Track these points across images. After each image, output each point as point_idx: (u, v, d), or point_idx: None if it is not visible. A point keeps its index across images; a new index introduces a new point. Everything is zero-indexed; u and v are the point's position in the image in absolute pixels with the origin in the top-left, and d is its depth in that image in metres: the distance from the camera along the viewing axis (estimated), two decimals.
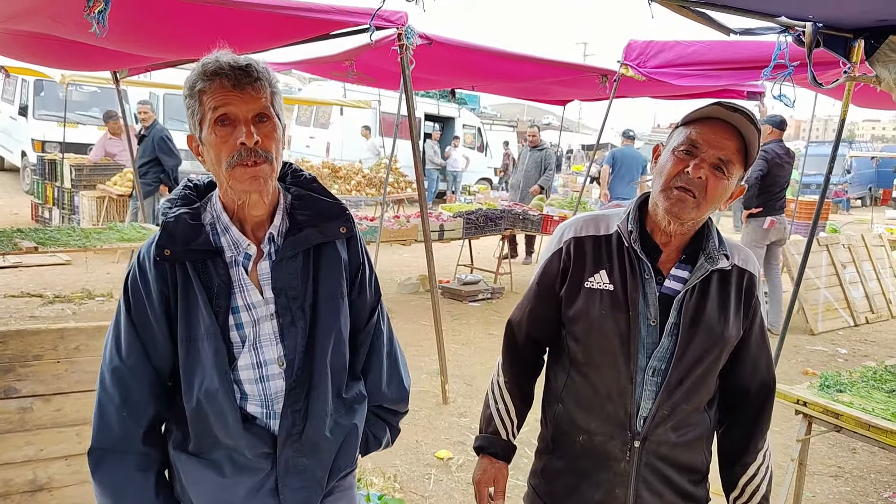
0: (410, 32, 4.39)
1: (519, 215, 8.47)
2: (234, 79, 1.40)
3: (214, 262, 1.48)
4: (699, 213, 1.57)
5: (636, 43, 6.00)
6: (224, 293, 1.48)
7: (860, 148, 27.64)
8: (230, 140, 1.41)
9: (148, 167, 8.18)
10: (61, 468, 2.66)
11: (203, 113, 1.42)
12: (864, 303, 7.94)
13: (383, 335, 1.74)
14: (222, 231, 1.51)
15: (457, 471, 3.87)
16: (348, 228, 1.59)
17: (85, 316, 6.33)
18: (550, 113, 41.63)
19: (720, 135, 1.55)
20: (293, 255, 1.52)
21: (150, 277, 1.48)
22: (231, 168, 1.42)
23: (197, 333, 1.47)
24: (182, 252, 1.46)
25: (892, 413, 2.89)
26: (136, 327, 1.50)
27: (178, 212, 1.49)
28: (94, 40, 3.85)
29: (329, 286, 1.56)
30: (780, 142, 6.98)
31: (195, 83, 1.43)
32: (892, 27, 2.87)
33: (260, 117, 1.43)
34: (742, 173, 1.59)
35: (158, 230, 1.48)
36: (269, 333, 1.52)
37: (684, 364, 1.61)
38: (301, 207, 1.56)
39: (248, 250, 1.51)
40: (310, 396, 1.54)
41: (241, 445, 1.51)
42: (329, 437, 1.58)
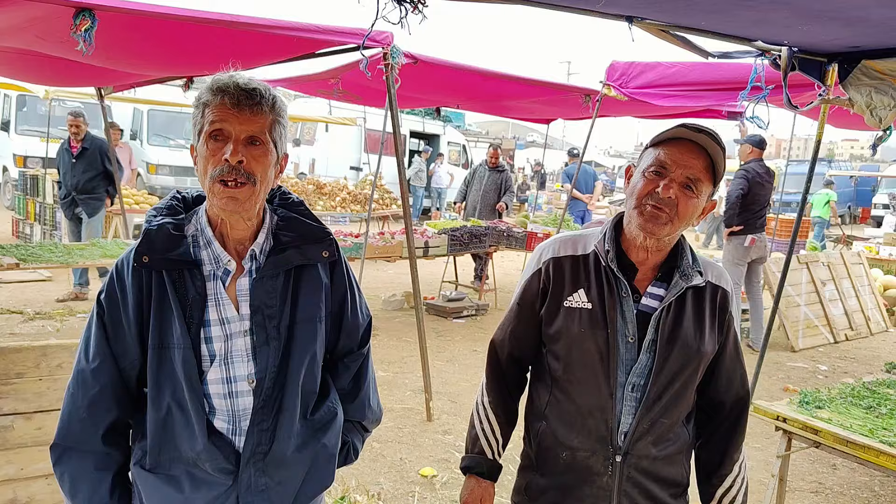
0: (396, 52, 4.43)
1: (503, 232, 8.52)
2: (236, 98, 1.44)
3: (192, 274, 1.50)
4: (672, 230, 1.62)
5: (619, 64, 6.10)
6: (198, 305, 1.49)
7: (839, 167, 28.06)
8: (218, 154, 1.44)
9: (96, 182, 7.59)
10: (42, 487, 2.63)
11: (202, 125, 1.47)
12: (844, 320, 8.04)
13: (370, 356, 1.77)
14: (204, 244, 1.53)
15: (441, 488, 3.87)
16: (331, 253, 1.62)
17: (66, 333, 6.27)
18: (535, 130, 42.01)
19: (687, 155, 1.60)
20: (274, 274, 1.54)
21: (126, 283, 1.50)
22: (213, 182, 1.45)
23: (168, 342, 1.48)
24: (160, 260, 1.48)
25: (869, 429, 2.94)
26: (106, 331, 1.51)
27: (161, 220, 1.52)
28: (79, 57, 3.86)
29: (307, 308, 1.58)
30: (760, 161, 7.10)
31: (202, 95, 1.48)
32: (864, 52, 2.95)
33: (252, 140, 1.46)
34: (711, 189, 1.65)
35: (140, 237, 1.51)
36: (241, 350, 1.53)
37: (662, 379, 1.65)
38: (286, 229, 1.58)
39: (228, 266, 1.53)
40: (278, 417, 1.55)
41: (203, 458, 1.51)
42: (295, 458, 1.58)
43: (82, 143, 7.51)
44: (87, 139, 7.54)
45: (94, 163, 7.57)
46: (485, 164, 9.79)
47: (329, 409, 1.67)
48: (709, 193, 1.64)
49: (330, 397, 1.68)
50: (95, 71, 5.28)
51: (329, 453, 1.66)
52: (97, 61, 4.57)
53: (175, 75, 6.08)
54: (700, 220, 1.71)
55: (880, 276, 9.98)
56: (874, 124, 3.01)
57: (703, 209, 1.66)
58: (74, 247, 6.02)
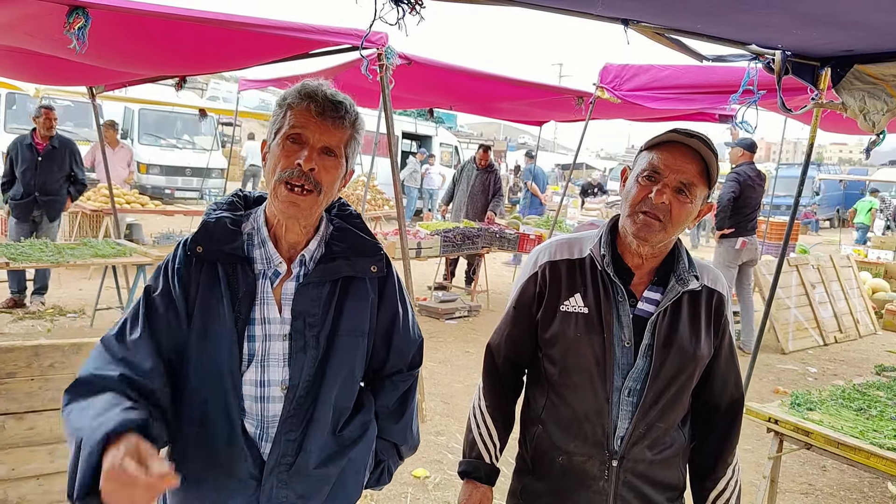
0: (390, 53, 4.43)
1: (496, 234, 8.52)
2: (322, 107, 1.46)
3: (244, 270, 1.51)
4: (666, 236, 1.62)
5: (612, 66, 6.12)
6: (247, 302, 1.50)
7: (828, 171, 28.25)
8: (291, 157, 1.46)
9: (61, 184, 7.04)
10: (33, 487, 2.62)
11: (282, 125, 1.48)
12: (833, 322, 8.10)
13: (418, 379, 1.76)
14: (258, 243, 1.54)
15: (434, 489, 3.87)
16: (380, 268, 1.61)
17: (57, 333, 6.23)
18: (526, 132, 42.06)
19: (680, 159, 1.60)
20: (320, 282, 1.54)
21: (178, 268, 1.50)
22: (279, 182, 1.46)
23: (213, 332, 1.47)
24: (214, 252, 1.49)
25: (859, 431, 2.96)
26: (154, 308, 1.48)
27: (220, 214, 1.54)
28: (72, 56, 3.84)
29: (350, 322, 1.56)
30: (751, 164, 7.14)
31: (288, 97, 1.49)
32: (857, 56, 2.97)
33: (328, 150, 1.48)
34: (706, 193, 1.64)
35: (198, 227, 1.52)
36: (277, 354, 1.51)
37: (659, 384, 1.65)
38: (339, 239, 1.58)
39: (279, 267, 1.54)
40: (307, 428, 1.52)
41: (232, 459, 1.48)
42: (320, 473, 1.55)
43: (51, 140, 6.91)
44: (55, 138, 6.96)
45: (63, 164, 7.01)
46: (473, 164, 9.38)
47: (361, 425, 1.63)
48: (704, 197, 1.64)
49: (363, 414, 1.64)
50: (87, 69, 5.25)
51: (356, 469, 1.63)
52: (89, 60, 4.54)
53: (168, 75, 6.06)
54: (695, 223, 1.71)
55: (869, 278, 10.06)
56: (867, 128, 3.04)
57: (700, 212, 1.67)
58: (65, 246, 5.97)
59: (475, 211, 9.26)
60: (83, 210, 9.11)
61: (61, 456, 2.66)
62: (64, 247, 5.90)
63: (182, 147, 15.37)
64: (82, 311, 6.92)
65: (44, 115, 6.85)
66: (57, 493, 2.67)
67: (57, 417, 2.62)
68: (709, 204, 1.68)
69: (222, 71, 6.46)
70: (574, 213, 16.50)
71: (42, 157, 6.89)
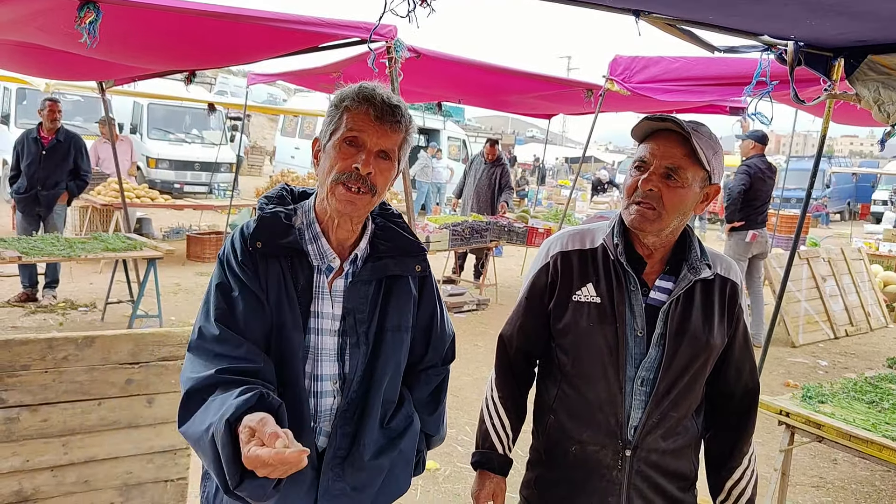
0: (399, 46, 4.42)
1: (504, 227, 8.52)
2: (380, 111, 1.48)
3: (301, 264, 1.53)
4: (663, 224, 1.62)
5: (622, 58, 6.08)
6: (306, 295, 1.52)
7: (839, 163, 28.06)
8: (349, 160, 1.48)
9: (64, 178, 6.93)
10: (47, 479, 2.64)
11: (338, 126, 1.51)
12: (844, 315, 8.05)
13: (449, 373, 1.80)
14: (311, 239, 1.56)
15: (444, 482, 3.88)
16: (423, 268, 1.67)
17: (69, 327, 6.27)
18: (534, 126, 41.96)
19: (664, 144, 1.61)
20: (368, 280, 1.58)
21: (247, 259, 1.49)
22: (335, 183, 1.48)
23: (286, 322, 1.49)
24: (274, 246, 1.51)
25: (871, 424, 2.95)
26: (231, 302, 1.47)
27: (274, 209, 1.56)
28: (82, 50, 3.85)
29: (395, 318, 1.60)
30: (762, 156, 7.09)
31: (345, 98, 1.51)
32: (870, 47, 2.94)
33: (384, 154, 1.51)
34: (704, 174, 1.62)
35: (253, 222, 1.52)
36: (329, 349, 1.55)
37: (672, 373, 1.64)
38: (383, 238, 1.62)
39: (333, 263, 1.56)
40: (361, 422, 1.56)
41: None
42: (373, 465, 1.58)
43: (56, 134, 6.86)
44: (61, 132, 6.91)
45: (67, 158, 6.91)
46: (481, 157, 9.43)
47: (406, 416, 1.68)
48: (702, 179, 1.62)
49: (406, 406, 1.69)
50: (96, 64, 5.26)
51: (406, 459, 1.67)
52: (99, 55, 4.55)
53: (178, 69, 6.07)
54: (704, 207, 1.69)
55: (880, 271, 9.99)
56: (882, 119, 3.01)
57: (707, 195, 1.65)
58: (76, 240, 6.00)
59: (480, 205, 9.27)
60: (93, 204, 9.17)
61: (75, 448, 2.68)
62: (75, 241, 5.94)
63: (191, 142, 15.40)
64: (94, 305, 6.96)
65: (48, 107, 6.83)
66: (69, 484, 2.69)
67: (71, 410, 2.64)
68: (715, 186, 1.66)
69: (231, 65, 6.45)
70: (583, 207, 16.43)
71: (46, 151, 6.81)
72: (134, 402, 2.77)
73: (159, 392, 2.76)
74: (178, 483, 2.93)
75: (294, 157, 17.90)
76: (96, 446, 2.72)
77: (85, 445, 2.70)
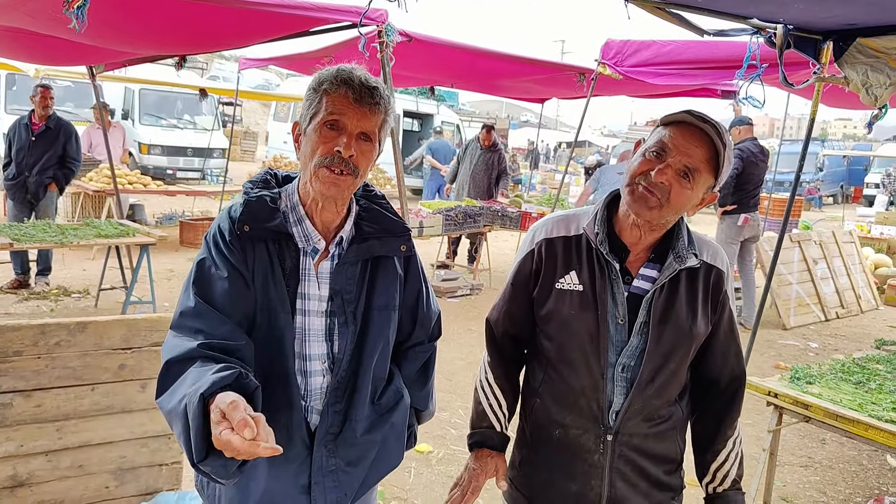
0: (390, 30, 4.40)
1: (498, 212, 8.53)
2: (359, 93, 1.49)
3: (287, 246, 1.55)
4: (660, 216, 1.60)
5: (613, 42, 6.08)
6: (294, 276, 1.55)
7: (832, 146, 28.09)
8: (330, 143, 1.49)
9: (54, 165, 6.85)
10: (42, 464, 2.66)
11: (318, 110, 1.51)
12: (835, 298, 8.11)
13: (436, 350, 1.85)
14: (295, 221, 1.58)
15: (437, 464, 3.92)
16: (408, 248, 1.69)
17: (61, 313, 6.27)
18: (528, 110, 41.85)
19: (691, 141, 1.57)
20: (354, 261, 1.60)
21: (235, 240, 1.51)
22: (318, 167, 1.49)
23: (274, 303, 1.52)
24: (261, 230, 1.52)
25: (858, 404, 2.99)
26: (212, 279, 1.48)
27: (259, 192, 1.58)
28: (71, 35, 3.83)
29: (382, 297, 1.64)
30: (754, 140, 7.12)
31: (323, 82, 1.51)
32: (859, 30, 2.95)
33: (364, 135, 1.51)
34: (712, 182, 1.61)
35: (240, 206, 1.54)
36: (318, 329, 1.58)
37: (654, 361, 1.65)
38: (368, 219, 1.64)
39: (318, 245, 1.58)
40: (351, 399, 1.60)
41: (292, 425, 1.54)
42: (365, 440, 1.63)
43: (47, 121, 6.78)
44: (52, 118, 6.82)
45: (56, 145, 6.81)
46: (476, 143, 9.34)
47: (395, 391, 1.72)
48: (708, 186, 1.61)
49: (395, 381, 1.73)
50: (87, 49, 5.23)
51: (398, 432, 1.72)
52: (89, 40, 4.52)
53: (168, 54, 6.03)
54: (696, 211, 1.67)
55: (871, 254, 10.07)
56: (870, 102, 3.02)
57: (703, 200, 1.64)
58: (68, 227, 5.98)
59: (478, 190, 9.23)
60: (85, 191, 9.13)
61: (69, 432, 2.70)
62: (67, 227, 5.92)
63: (183, 127, 15.32)
64: (87, 292, 6.96)
65: (40, 94, 6.78)
66: (64, 469, 2.71)
67: (64, 395, 2.66)
68: (713, 194, 1.65)
69: (222, 50, 6.42)
70: (577, 192, 16.44)
71: (35, 138, 6.76)
72: (127, 386, 2.79)
73: (152, 377, 2.77)
74: (172, 467, 2.95)
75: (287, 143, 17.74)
76: (90, 431, 2.75)
77: (79, 430, 2.72)
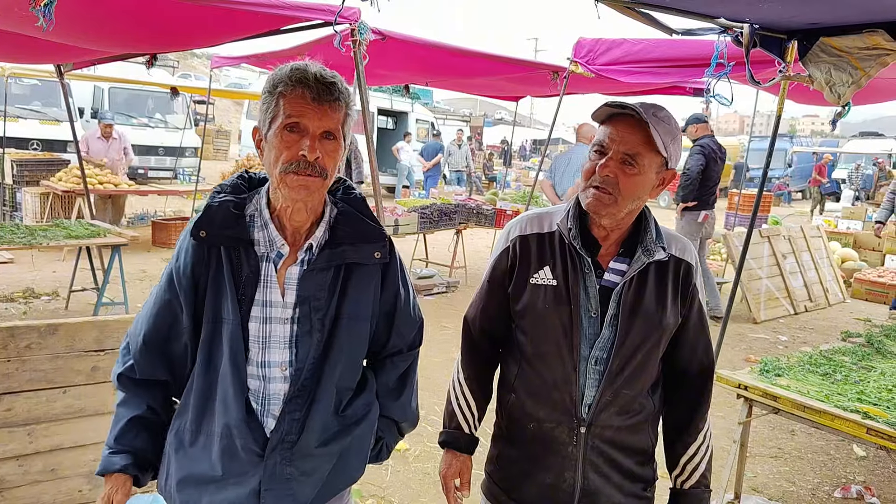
0: (363, 28, 4.40)
1: (473, 210, 8.56)
2: (316, 92, 1.44)
3: (247, 253, 1.52)
4: (618, 209, 1.65)
5: (585, 41, 6.12)
6: (251, 283, 1.52)
7: (801, 143, 28.57)
8: (293, 147, 1.45)
9: None
10: (12, 468, 2.63)
11: (276, 114, 1.46)
12: (804, 292, 8.27)
13: (418, 358, 1.81)
14: (260, 226, 1.55)
15: (413, 461, 3.93)
16: (383, 254, 1.62)
17: (31, 316, 6.17)
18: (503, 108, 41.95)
19: (623, 130, 1.63)
20: (325, 267, 1.55)
21: (187, 254, 1.53)
22: (284, 174, 1.46)
23: (221, 317, 1.51)
24: (217, 236, 1.50)
25: (825, 395, 3.06)
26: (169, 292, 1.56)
27: (223, 198, 1.54)
28: (39, 33, 3.77)
29: (353, 306, 1.58)
30: (712, 137, 7.22)
31: (278, 84, 1.46)
32: (822, 29, 3.02)
33: (328, 134, 1.47)
34: (661, 160, 1.65)
35: (200, 212, 1.53)
36: (279, 336, 1.54)
37: (624, 352, 1.69)
38: (344, 223, 1.59)
39: (282, 249, 1.54)
40: (311, 408, 1.55)
41: (236, 434, 1.52)
42: (322, 451, 1.58)
43: None
44: None
45: None
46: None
47: (364, 404, 1.67)
48: (658, 164, 1.65)
49: (365, 394, 1.68)
50: (55, 48, 5.14)
51: (359, 447, 1.67)
52: (57, 38, 4.45)
53: (138, 52, 5.96)
54: (659, 192, 1.72)
55: (838, 248, 10.27)
56: (833, 100, 3.09)
57: (663, 180, 1.69)
58: (37, 228, 5.89)
59: None
60: (54, 191, 8.98)
61: (40, 436, 2.67)
62: (36, 228, 5.83)
63: (154, 126, 15.13)
64: (56, 294, 6.86)
65: None
66: (36, 473, 2.68)
67: (35, 398, 2.63)
68: (671, 171, 1.69)
69: (193, 48, 6.35)
70: None
71: None
72: (100, 389, 2.76)
73: None
74: None
75: None
76: (62, 434, 2.71)
77: (50, 434, 2.69)
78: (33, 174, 9.66)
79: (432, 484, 3.66)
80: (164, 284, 1.57)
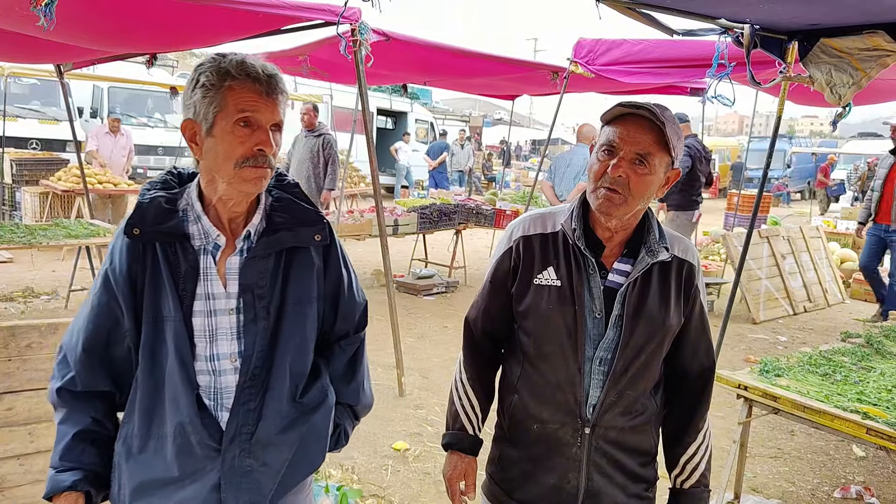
0: (364, 28, 4.41)
1: (472, 210, 8.56)
2: (267, 86, 1.45)
3: (184, 248, 1.50)
4: (628, 209, 1.65)
5: (585, 41, 6.13)
6: (191, 278, 1.50)
7: (799, 143, 28.59)
8: (248, 142, 1.45)
9: None
10: (13, 468, 2.62)
11: (224, 108, 1.44)
12: (803, 292, 8.28)
13: (365, 340, 1.79)
14: (194, 219, 1.53)
15: (413, 461, 3.93)
16: (323, 236, 1.61)
17: (31, 315, 6.17)
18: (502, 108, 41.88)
19: (635, 130, 1.62)
20: (265, 254, 1.54)
21: (121, 254, 1.51)
22: (240, 168, 1.45)
23: (162, 315, 1.49)
24: (150, 233, 1.48)
25: (824, 395, 3.06)
26: (104, 296, 1.54)
27: (154, 194, 1.53)
28: (39, 33, 3.77)
29: (298, 290, 1.57)
30: (695, 136, 7.24)
31: (225, 77, 1.44)
32: (823, 30, 3.02)
33: (276, 126, 1.49)
34: (669, 160, 1.66)
35: (133, 210, 1.51)
36: (226, 328, 1.52)
37: (628, 353, 1.69)
38: (280, 210, 1.58)
39: (218, 241, 1.53)
40: (265, 397, 1.54)
41: (190, 431, 1.50)
42: (281, 439, 1.57)
43: None
44: None
45: None
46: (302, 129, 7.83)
47: (320, 390, 1.65)
48: (667, 164, 1.66)
49: (321, 379, 1.66)
50: (54, 47, 5.14)
51: (318, 434, 1.65)
52: (57, 37, 4.45)
53: (139, 52, 5.96)
54: (664, 190, 1.72)
55: (837, 249, 10.27)
56: (834, 101, 3.10)
57: (668, 179, 1.69)
58: (37, 227, 5.89)
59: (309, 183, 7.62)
60: (54, 190, 8.97)
61: (40, 436, 2.66)
62: (35, 228, 5.82)
63: (154, 126, 15.12)
64: (55, 293, 6.86)
65: None
66: (37, 472, 2.67)
67: (36, 398, 2.62)
68: (675, 170, 1.70)
69: (193, 48, 6.36)
70: None
71: None
72: None
73: None
74: None
75: None
76: None
77: (51, 433, 2.66)
78: (33, 173, 9.65)
79: (432, 484, 3.66)
80: (101, 288, 1.54)
